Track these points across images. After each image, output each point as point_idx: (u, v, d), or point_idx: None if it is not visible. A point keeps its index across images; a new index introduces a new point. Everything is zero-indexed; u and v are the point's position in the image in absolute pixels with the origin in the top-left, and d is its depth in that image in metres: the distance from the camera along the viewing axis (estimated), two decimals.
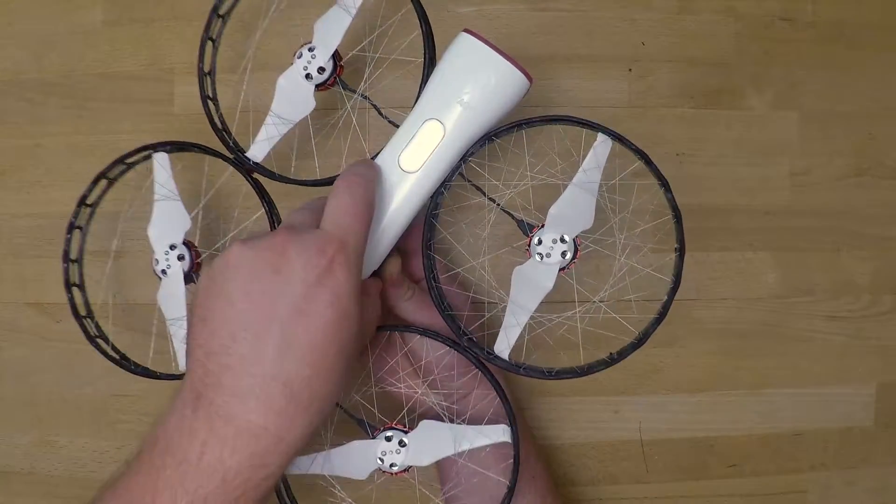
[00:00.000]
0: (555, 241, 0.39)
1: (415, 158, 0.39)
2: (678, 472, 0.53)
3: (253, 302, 0.30)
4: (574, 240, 0.39)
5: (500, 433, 0.40)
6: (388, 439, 0.40)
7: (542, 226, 0.39)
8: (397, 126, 0.41)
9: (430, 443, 0.40)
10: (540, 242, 0.39)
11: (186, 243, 0.44)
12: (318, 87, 0.42)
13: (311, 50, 0.42)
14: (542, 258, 0.39)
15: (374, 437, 0.41)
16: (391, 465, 0.40)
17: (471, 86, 0.37)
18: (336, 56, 0.43)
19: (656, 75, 0.52)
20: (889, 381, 0.54)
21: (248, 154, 0.44)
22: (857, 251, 0.53)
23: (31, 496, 0.54)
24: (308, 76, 0.42)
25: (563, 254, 0.39)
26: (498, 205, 0.41)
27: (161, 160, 0.44)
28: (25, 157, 0.53)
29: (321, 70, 0.42)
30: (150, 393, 0.53)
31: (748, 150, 0.53)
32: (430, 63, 0.41)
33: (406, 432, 0.41)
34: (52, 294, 0.53)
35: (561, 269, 0.39)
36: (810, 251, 0.53)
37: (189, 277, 0.44)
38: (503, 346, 0.40)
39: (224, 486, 0.29)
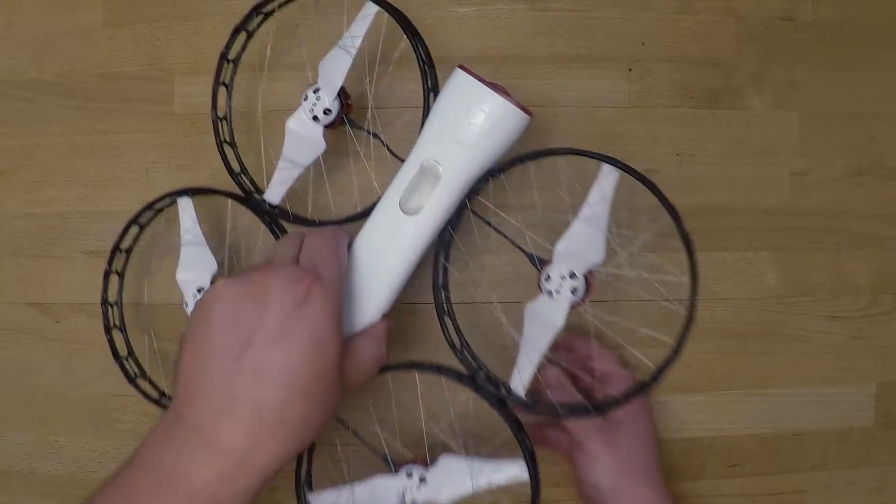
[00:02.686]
0: (563, 277, 0.37)
1: (414, 201, 0.38)
2: (678, 471, 0.53)
3: (231, 329, 0.32)
4: (585, 275, 0.37)
5: (517, 470, 0.39)
6: (409, 475, 0.40)
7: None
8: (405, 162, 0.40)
9: (449, 479, 0.40)
10: (549, 278, 0.37)
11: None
12: (326, 127, 0.42)
13: (315, 91, 0.42)
14: (551, 295, 0.37)
15: (395, 472, 0.41)
16: (412, 502, 0.40)
17: (466, 124, 0.37)
18: (343, 95, 0.42)
19: (656, 75, 0.52)
20: (889, 381, 0.54)
21: (266, 197, 0.44)
22: (857, 251, 0.53)
23: (31, 496, 0.54)
24: (315, 118, 0.42)
25: (574, 290, 0.37)
26: (508, 238, 0.40)
27: (185, 205, 0.45)
28: (25, 157, 0.53)
29: (327, 111, 0.42)
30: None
31: (748, 150, 0.53)
32: (430, 102, 0.40)
33: (427, 466, 0.41)
34: (52, 294, 0.53)
35: (574, 306, 0.37)
36: (810, 251, 0.53)
37: None
38: (517, 385, 0.39)
39: (192, 498, 0.30)
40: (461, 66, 0.38)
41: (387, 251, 0.39)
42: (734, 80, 0.53)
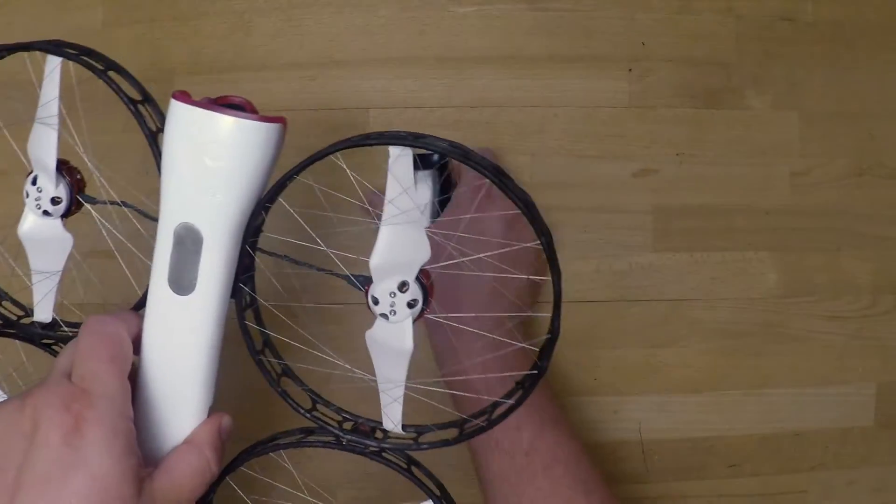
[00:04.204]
0: (393, 294, 0.29)
1: (186, 275, 0.31)
2: (678, 472, 0.53)
3: None
4: (419, 279, 0.29)
5: None
6: None
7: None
8: None
9: None
10: (377, 302, 0.29)
11: None
12: (65, 216, 0.35)
13: (34, 183, 0.35)
14: (387, 318, 0.30)
15: None
16: None
17: (206, 167, 0.29)
18: (68, 172, 0.36)
19: (656, 75, 0.52)
20: (889, 381, 0.54)
21: (36, 319, 0.37)
22: (857, 251, 0.53)
23: None
24: (46, 213, 0.35)
25: (411, 303, 0.29)
26: (312, 267, 0.32)
27: None
28: (25, 157, 0.53)
29: (56, 200, 0.35)
30: None
31: (748, 150, 0.53)
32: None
33: None
34: None
35: (418, 318, 0.30)
36: (810, 251, 0.53)
37: None
38: (391, 426, 0.32)
39: None
40: (175, 95, 0.30)
41: (174, 343, 0.32)
42: (734, 80, 0.53)
